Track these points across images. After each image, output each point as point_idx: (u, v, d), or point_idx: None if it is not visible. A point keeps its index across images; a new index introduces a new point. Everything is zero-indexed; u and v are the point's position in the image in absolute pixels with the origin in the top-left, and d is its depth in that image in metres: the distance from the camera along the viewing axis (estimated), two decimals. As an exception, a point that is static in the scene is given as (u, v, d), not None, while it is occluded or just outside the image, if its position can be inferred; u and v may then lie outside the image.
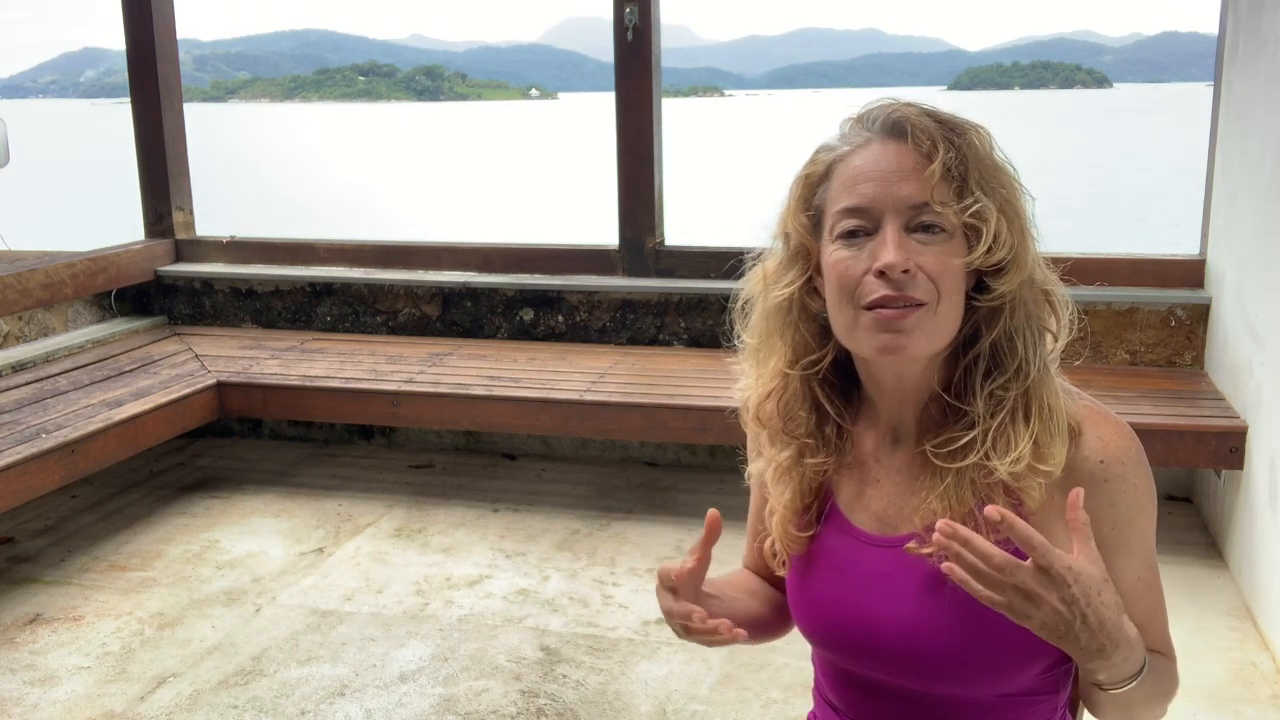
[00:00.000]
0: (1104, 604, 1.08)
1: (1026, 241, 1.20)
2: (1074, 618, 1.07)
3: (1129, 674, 1.15)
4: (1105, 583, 1.09)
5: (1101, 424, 1.22)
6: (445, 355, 4.21)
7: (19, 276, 4.13)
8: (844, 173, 1.20)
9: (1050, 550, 1.06)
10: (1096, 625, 1.08)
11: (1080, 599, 1.07)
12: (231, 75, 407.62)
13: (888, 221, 1.16)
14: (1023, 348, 1.20)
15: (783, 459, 1.32)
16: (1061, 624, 1.07)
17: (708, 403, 3.55)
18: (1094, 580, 1.08)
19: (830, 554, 1.31)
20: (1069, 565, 1.06)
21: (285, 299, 4.68)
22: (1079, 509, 1.10)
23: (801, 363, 1.28)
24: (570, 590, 3.24)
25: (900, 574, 1.24)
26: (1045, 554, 1.05)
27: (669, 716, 2.60)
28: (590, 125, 60.82)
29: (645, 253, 4.32)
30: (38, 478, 3.20)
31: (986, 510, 1.06)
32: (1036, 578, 1.06)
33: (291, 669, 2.83)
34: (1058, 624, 1.07)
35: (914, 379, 1.24)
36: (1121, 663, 1.13)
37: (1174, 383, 3.65)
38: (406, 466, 4.29)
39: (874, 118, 1.21)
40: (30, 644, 2.98)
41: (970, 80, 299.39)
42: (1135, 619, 1.24)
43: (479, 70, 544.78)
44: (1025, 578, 1.06)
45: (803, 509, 1.32)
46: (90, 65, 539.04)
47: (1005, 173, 1.20)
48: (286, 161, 46.10)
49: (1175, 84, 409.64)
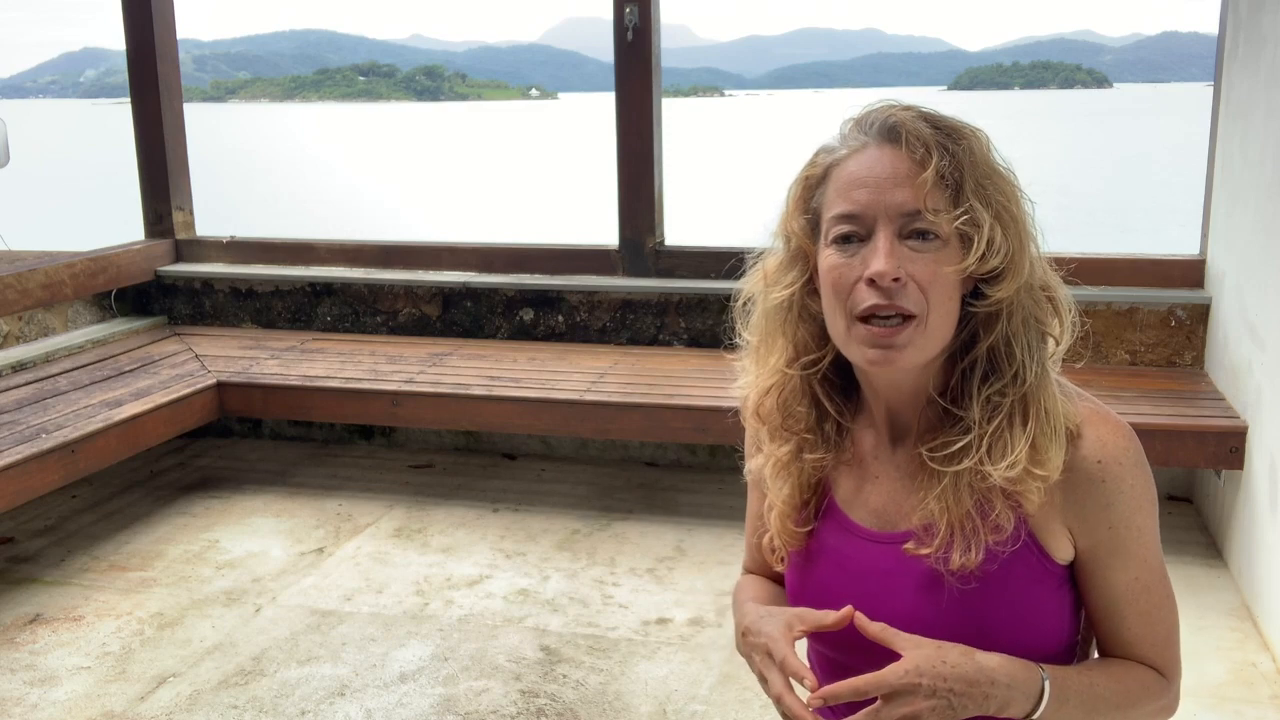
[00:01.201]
0: (954, 666, 1.13)
1: (1024, 247, 1.19)
2: (946, 700, 1.12)
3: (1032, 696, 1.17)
4: (938, 648, 1.14)
5: (1101, 425, 1.22)
6: (445, 355, 4.21)
7: (19, 276, 4.13)
8: (840, 177, 1.21)
9: (878, 678, 1.12)
10: (964, 689, 1.13)
11: (935, 684, 1.12)
12: (231, 75, 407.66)
13: (880, 228, 1.17)
14: (1020, 353, 1.20)
15: (782, 454, 1.32)
16: (946, 710, 1.12)
17: (708, 403, 3.55)
18: (928, 659, 1.13)
19: (829, 550, 1.31)
20: (904, 671, 1.12)
21: (285, 299, 4.68)
22: (869, 626, 1.16)
23: (801, 361, 1.29)
24: (570, 590, 3.24)
25: (898, 571, 1.25)
26: (876, 685, 1.12)
27: (669, 716, 2.60)
28: (590, 125, 60.84)
29: (645, 253, 4.32)
30: (38, 478, 3.20)
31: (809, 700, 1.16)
32: (894, 704, 1.11)
33: (291, 669, 2.83)
34: (943, 713, 1.12)
35: (910, 384, 1.24)
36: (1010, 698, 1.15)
37: (1174, 383, 3.65)
38: (406, 466, 4.29)
39: (871, 121, 1.21)
40: (30, 644, 2.98)
41: (970, 80, 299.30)
42: (1129, 623, 1.24)
43: (479, 70, 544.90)
44: (892, 711, 1.12)
45: (801, 504, 1.32)
46: (90, 65, 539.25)
47: (1003, 178, 1.20)
48: (286, 161, 46.10)
49: (1175, 84, 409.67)
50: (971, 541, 1.19)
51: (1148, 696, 1.24)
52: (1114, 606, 1.24)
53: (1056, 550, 1.23)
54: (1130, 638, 1.25)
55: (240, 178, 32.32)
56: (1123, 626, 1.24)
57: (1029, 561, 1.22)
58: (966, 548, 1.19)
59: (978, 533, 1.19)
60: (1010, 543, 1.20)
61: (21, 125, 14.35)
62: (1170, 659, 1.26)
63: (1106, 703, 1.21)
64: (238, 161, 41.27)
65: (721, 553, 3.46)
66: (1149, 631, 1.24)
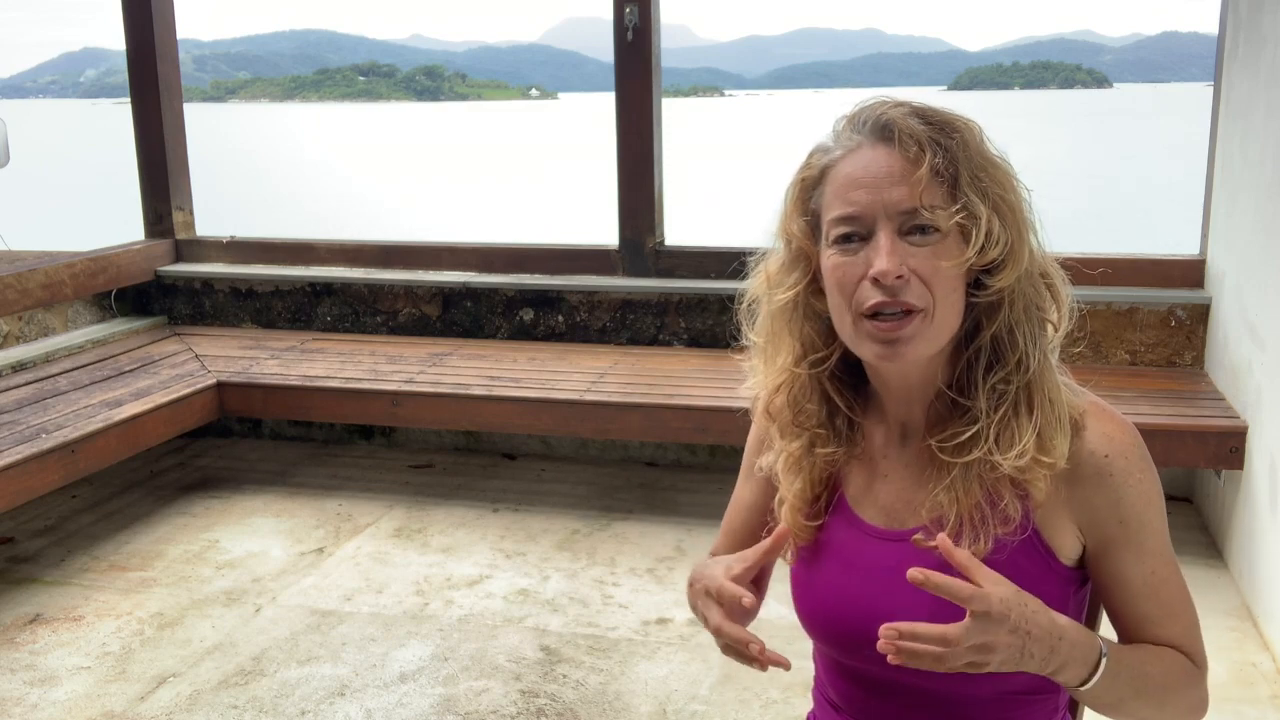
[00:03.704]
0: (1035, 612, 1.12)
1: (1023, 235, 1.20)
2: (1022, 641, 1.10)
3: (1089, 664, 1.16)
4: (1019, 593, 1.12)
5: (1105, 419, 1.23)
6: (445, 355, 4.20)
7: (19, 276, 4.13)
8: (836, 179, 1.21)
9: (980, 594, 1.08)
10: (1040, 635, 1.11)
11: (1019, 621, 1.10)
12: (231, 75, 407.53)
13: (880, 227, 1.17)
14: (1023, 340, 1.21)
15: (794, 449, 1.33)
16: (1016, 652, 1.10)
17: (708, 403, 3.55)
18: (1017, 596, 1.11)
19: (837, 546, 1.32)
20: (1000, 598, 1.09)
21: (285, 299, 4.67)
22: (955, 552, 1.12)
23: (809, 359, 1.29)
24: (570, 590, 3.24)
25: (905, 568, 1.25)
26: (978, 599, 1.08)
27: (669, 716, 2.60)
28: (590, 125, 60.79)
29: (645, 253, 4.32)
30: (38, 478, 3.20)
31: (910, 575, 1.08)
32: (982, 628, 1.09)
33: (291, 669, 2.83)
34: (1013, 654, 1.10)
35: (918, 377, 1.25)
36: (1071, 658, 1.14)
37: (1174, 383, 3.65)
38: (406, 466, 4.29)
39: (864, 120, 1.22)
40: (30, 644, 2.98)
41: (970, 80, 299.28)
42: (1152, 617, 1.24)
43: (479, 70, 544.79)
44: (975, 635, 1.09)
45: (813, 498, 1.33)
46: (90, 65, 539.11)
47: (998, 168, 1.20)
48: (286, 161, 46.09)
49: (1175, 84, 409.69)
50: (980, 532, 1.20)
51: (1187, 682, 1.24)
52: (1134, 602, 1.24)
53: (1061, 548, 1.23)
54: (1156, 630, 1.24)
55: (240, 178, 32.31)
56: (1146, 621, 1.24)
57: (1034, 556, 1.22)
58: (976, 538, 1.20)
59: (987, 523, 1.20)
60: (1018, 532, 1.20)
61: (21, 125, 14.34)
62: (1198, 650, 1.26)
63: (1153, 682, 1.21)
64: (238, 161, 41.25)
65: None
66: (1173, 622, 1.24)
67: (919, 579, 1.07)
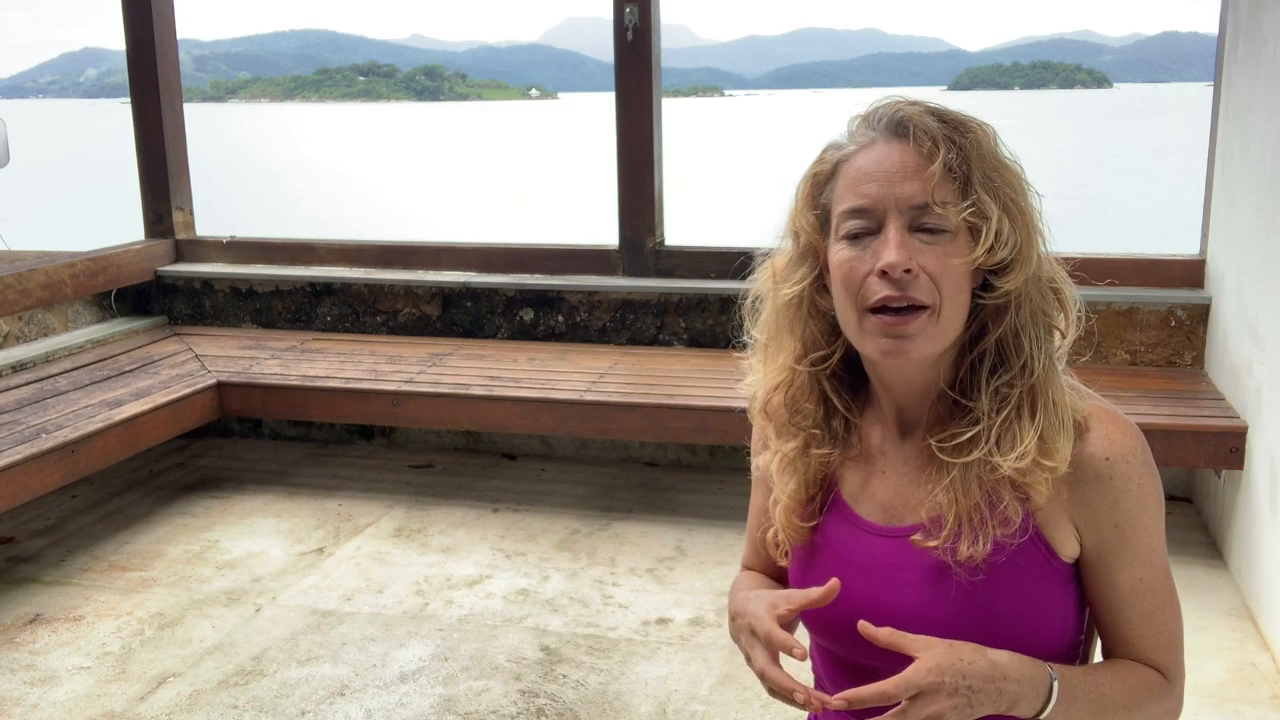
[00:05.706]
0: (970, 663, 1.13)
1: (1032, 239, 1.20)
2: (966, 698, 1.12)
3: (1041, 695, 1.17)
4: (950, 648, 1.14)
5: (1109, 422, 1.23)
6: (445, 355, 4.20)
7: (19, 276, 4.13)
8: (848, 173, 1.21)
9: (904, 679, 1.11)
10: (981, 685, 1.13)
11: (955, 681, 1.12)
12: (231, 75, 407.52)
13: (890, 221, 1.17)
14: (1028, 344, 1.21)
15: (789, 450, 1.33)
16: (965, 708, 1.12)
17: (708, 403, 3.55)
18: (947, 655, 1.13)
19: (834, 544, 1.32)
20: (927, 670, 1.12)
21: (285, 299, 4.68)
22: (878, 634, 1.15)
23: (810, 358, 1.29)
24: (570, 590, 3.24)
25: (904, 564, 1.25)
26: (900, 688, 1.11)
27: (669, 716, 2.60)
28: (590, 125, 60.84)
29: (645, 253, 4.32)
30: (38, 478, 3.20)
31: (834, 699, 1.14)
32: (920, 706, 1.11)
33: (291, 669, 2.83)
34: (961, 711, 1.12)
35: (920, 377, 1.25)
36: (1020, 694, 1.16)
37: (1174, 383, 3.65)
38: (406, 466, 4.29)
39: (879, 117, 1.22)
40: (30, 644, 2.98)
41: (970, 80, 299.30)
42: (1132, 624, 1.24)
43: (479, 70, 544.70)
44: (917, 711, 1.12)
45: (807, 499, 1.33)
46: (90, 65, 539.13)
47: (1010, 171, 1.21)
48: (286, 161, 46.08)
49: (1175, 84, 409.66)
50: (979, 533, 1.20)
51: (1152, 699, 1.24)
52: (1118, 606, 1.24)
53: (1062, 547, 1.23)
54: (1134, 638, 1.25)
55: (240, 178, 32.31)
56: (1126, 627, 1.24)
57: (1034, 556, 1.22)
58: (974, 539, 1.20)
59: (985, 524, 1.20)
60: (1018, 534, 1.20)
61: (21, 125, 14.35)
62: (1174, 662, 1.26)
63: (1112, 703, 1.21)
64: (238, 161, 41.26)
65: (721, 553, 3.46)
66: (1153, 633, 1.24)
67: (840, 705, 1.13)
